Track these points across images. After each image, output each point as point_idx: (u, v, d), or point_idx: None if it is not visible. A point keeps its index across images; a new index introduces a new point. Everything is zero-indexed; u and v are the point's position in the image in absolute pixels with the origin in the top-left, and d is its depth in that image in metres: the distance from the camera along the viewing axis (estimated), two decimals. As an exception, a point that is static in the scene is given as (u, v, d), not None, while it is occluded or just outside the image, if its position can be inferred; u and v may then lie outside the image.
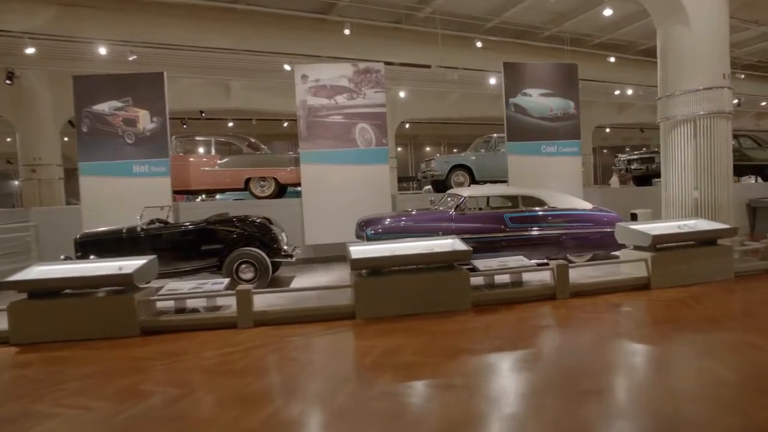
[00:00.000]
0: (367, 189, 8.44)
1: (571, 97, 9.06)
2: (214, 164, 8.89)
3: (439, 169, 9.71)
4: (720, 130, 6.97)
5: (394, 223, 6.67)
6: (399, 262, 5.21)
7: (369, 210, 8.01)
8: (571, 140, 9.06)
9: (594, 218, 6.83)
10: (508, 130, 8.84)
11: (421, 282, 5.18)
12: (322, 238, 8.37)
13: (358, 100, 8.43)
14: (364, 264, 5.14)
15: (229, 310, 5.10)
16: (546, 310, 5.07)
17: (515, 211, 6.69)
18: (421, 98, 18.80)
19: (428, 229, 6.49)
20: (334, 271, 7.67)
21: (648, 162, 10.72)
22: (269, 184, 8.95)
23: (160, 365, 3.95)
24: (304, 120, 8.32)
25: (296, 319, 5.01)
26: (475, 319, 4.87)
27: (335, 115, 8.38)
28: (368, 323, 4.87)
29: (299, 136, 8.35)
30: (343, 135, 8.41)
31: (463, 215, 6.64)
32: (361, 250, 5.51)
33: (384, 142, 8.55)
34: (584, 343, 4.01)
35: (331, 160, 8.37)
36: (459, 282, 5.23)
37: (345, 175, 8.39)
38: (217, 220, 6.58)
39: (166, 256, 6.35)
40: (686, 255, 5.87)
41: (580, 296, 5.50)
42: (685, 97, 7.13)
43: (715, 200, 6.98)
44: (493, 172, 9.82)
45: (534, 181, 8.78)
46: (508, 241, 6.55)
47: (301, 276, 7.40)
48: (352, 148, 8.43)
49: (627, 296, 5.47)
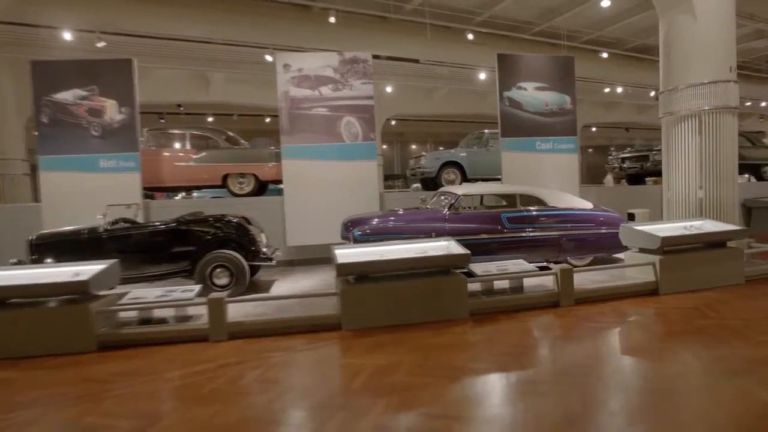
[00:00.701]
0: (353, 187, 7.93)
1: (567, 91, 8.67)
2: (189, 159, 8.28)
3: (430, 166, 9.24)
4: (726, 126, 6.62)
5: (383, 223, 6.17)
6: (390, 267, 4.72)
7: (355, 209, 7.51)
8: (567, 136, 8.67)
9: (595, 218, 6.44)
10: (502, 126, 8.41)
11: (413, 289, 4.70)
12: (305, 239, 7.83)
13: (344, 91, 7.90)
14: (351, 269, 4.64)
15: (200, 321, 4.55)
16: (551, 320, 4.63)
17: (513, 211, 6.25)
18: (408, 94, 18.34)
19: (420, 230, 6.01)
20: (317, 275, 7.14)
21: (642, 160, 10.42)
22: (248, 180, 8.37)
23: (115, 389, 3.40)
24: (286, 112, 7.77)
25: (276, 331, 4.49)
26: (474, 330, 4.41)
27: (319, 107, 7.84)
28: (356, 335, 4.37)
29: (281, 130, 7.79)
30: (328, 129, 7.88)
31: (458, 215, 6.17)
32: (347, 253, 5.01)
33: (372, 137, 8.04)
34: (601, 360, 3.57)
35: (315, 155, 7.83)
36: (455, 289, 4.77)
37: (330, 171, 7.87)
38: (190, 220, 6.00)
39: (133, 260, 5.76)
40: (696, 258, 5.50)
41: (585, 303, 5.09)
42: (689, 91, 6.77)
43: (720, 200, 6.64)
44: (485, 170, 9.39)
45: (528, 178, 8.37)
46: (505, 243, 6.10)
47: (282, 280, 6.85)
48: (338, 143, 7.91)
49: (635, 303, 5.07)
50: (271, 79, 8.11)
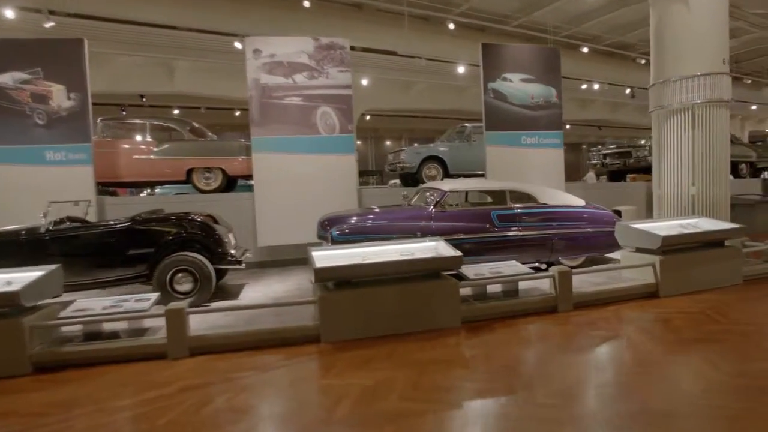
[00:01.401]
0: (329, 182, 7.39)
1: (553, 84, 8.35)
2: (149, 152, 7.56)
3: (410, 161, 8.78)
4: (719, 120, 6.39)
5: (364, 222, 5.67)
6: (374, 272, 4.22)
7: (332, 206, 6.98)
8: (553, 131, 8.36)
9: (588, 216, 6.10)
10: (487, 119, 8.02)
11: (400, 295, 4.22)
12: (278, 239, 7.25)
13: (319, 80, 7.35)
14: (330, 274, 4.12)
15: (158, 336, 3.96)
16: (551, 328, 4.23)
17: (503, 209, 5.85)
18: (384, 88, 17.81)
19: (404, 229, 5.54)
20: (291, 278, 6.58)
21: (626, 156, 10.24)
22: (215, 175, 7.71)
23: (49, 424, 2.80)
24: (256, 101, 7.15)
25: (246, 345, 3.95)
26: (469, 341, 3.96)
27: (293, 96, 7.26)
28: (337, 349, 3.87)
29: (250, 121, 7.17)
30: (303, 120, 7.31)
31: (444, 213, 5.73)
32: (326, 255, 4.49)
33: (350, 129, 7.51)
34: (615, 377, 3.18)
35: (289, 148, 7.25)
36: (447, 294, 4.32)
37: (304, 165, 7.30)
38: (148, 219, 5.35)
39: (81, 264, 5.10)
40: (696, 258, 5.22)
41: (584, 307, 4.72)
42: (681, 84, 6.50)
43: (713, 197, 6.42)
44: (467, 165, 9.00)
45: (513, 174, 8.02)
46: (495, 243, 5.69)
47: (252, 284, 6.26)
48: (313, 135, 7.35)
49: (637, 307, 4.74)
50: (242, 70, 7.48)
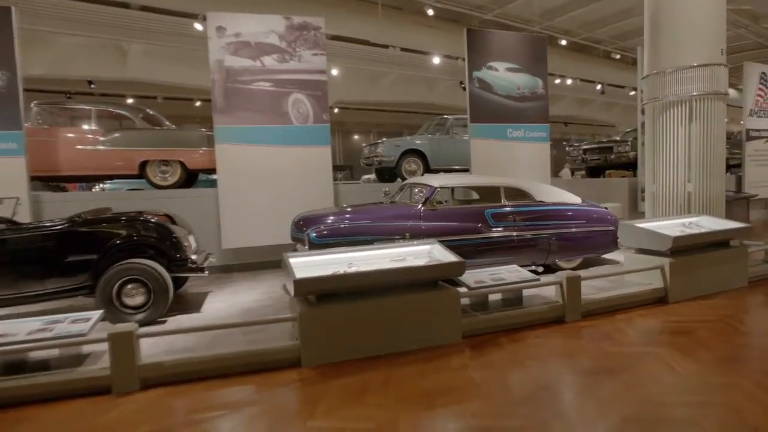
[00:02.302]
0: (303, 177, 6.70)
1: (539, 74, 7.93)
2: (95, 141, 6.63)
3: (388, 155, 8.18)
4: (716, 113, 6.11)
5: (345, 222, 5.04)
6: (363, 282, 3.61)
7: (306, 204, 6.31)
8: (540, 124, 7.95)
9: (586, 215, 5.69)
10: (472, 110, 7.51)
11: (394, 309, 3.63)
12: (245, 241, 6.51)
13: (291, 63, 6.62)
14: (313, 286, 3.48)
15: (99, 365, 3.21)
16: (564, 342, 3.75)
17: (498, 207, 5.35)
18: (354, 79, 17.10)
19: (391, 230, 4.94)
20: (262, 284, 5.87)
21: (606, 152, 10.00)
22: (173, 169, 6.87)
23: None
24: (220, 86, 6.36)
25: (210, 373, 3.27)
26: (475, 362, 3.42)
27: (262, 81, 6.51)
28: (323, 375, 3.24)
29: (213, 107, 6.38)
30: (273, 107, 6.58)
31: (435, 211, 5.17)
32: (304, 262, 3.85)
33: (324, 119, 6.84)
34: (674, 412, 2.69)
35: (257, 139, 6.51)
36: (447, 306, 3.76)
37: (275, 158, 6.58)
38: (90, 219, 4.52)
39: (7, 274, 4.25)
40: (704, 260, 4.87)
41: (593, 316, 4.28)
42: (677, 75, 6.18)
43: (710, 194, 6.14)
44: (449, 159, 8.48)
45: (498, 169, 7.57)
46: (490, 245, 5.19)
47: (217, 292, 5.52)
48: (285, 125, 6.63)
49: (648, 315, 4.33)
50: (203, 55, 6.67)
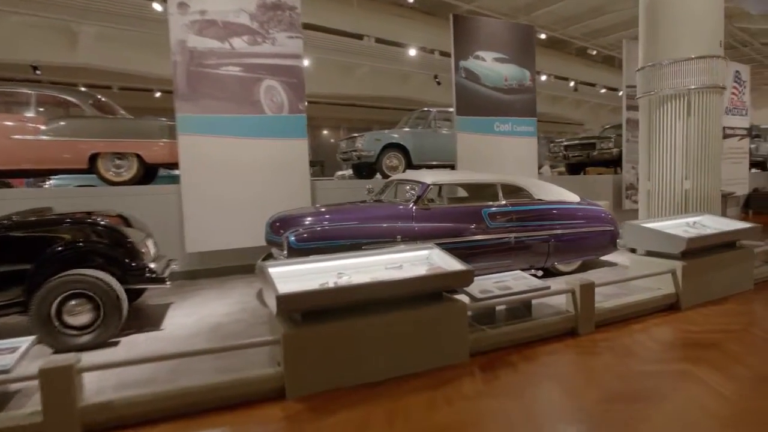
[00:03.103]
0: (277, 173, 6.07)
1: (527, 65, 7.56)
2: (36, 131, 5.78)
3: (369, 149, 7.62)
4: (714, 108, 5.87)
5: (329, 224, 4.47)
6: (359, 296, 3.06)
7: (280, 202, 5.72)
8: (527, 118, 7.58)
9: (586, 214, 5.33)
10: (458, 102, 7.05)
11: (393, 326, 3.11)
12: (212, 243, 5.84)
13: (264, 46, 5.97)
14: (299, 302, 2.91)
15: (28, 409, 2.55)
16: (583, 360, 3.33)
17: (496, 206, 4.90)
18: (324, 71, 16.38)
19: (380, 232, 4.41)
20: (233, 293, 5.23)
21: (589, 149, 9.78)
22: (129, 163, 6.09)
23: None
24: (182, 70, 5.65)
25: (173, 411, 2.66)
26: (490, 387, 2.94)
27: (230, 65, 5.84)
28: (312, 410, 2.69)
29: (175, 94, 5.67)
30: (243, 95, 5.91)
31: (428, 211, 4.67)
32: (287, 272, 3.28)
33: (301, 108, 6.22)
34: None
35: (225, 130, 5.84)
36: (453, 321, 3.27)
37: (245, 152, 5.93)
38: (23, 222, 3.79)
39: None
40: (715, 263, 4.57)
41: (606, 327, 3.89)
42: (674, 68, 5.90)
43: (707, 191, 5.90)
44: (432, 154, 8.01)
45: (485, 165, 7.17)
46: (488, 247, 4.74)
47: (180, 303, 4.84)
48: (256, 115, 5.98)
49: (663, 324, 3.98)
50: (163, 41, 5.94)
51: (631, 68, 8.64)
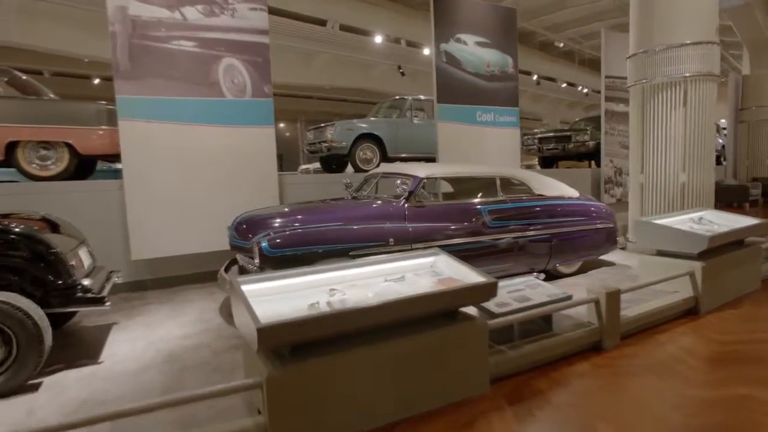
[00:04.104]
0: (239, 166, 5.28)
1: (509, 51, 7.09)
2: (-66, 115, 4.71)
3: (341, 140, 6.91)
4: (710, 97, 5.60)
5: (308, 226, 3.76)
6: (363, 322, 2.40)
7: (244, 201, 4.97)
8: (510, 107, 7.12)
9: (587, 210, 4.90)
10: (439, 89, 6.48)
11: (401, 355, 2.48)
12: (163, 249, 4.98)
13: (222, 18, 5.14)
14: (286, 334, 2.20)
15: None
16: (621, 381, 2.83)
17: (497, 203, 4.36)
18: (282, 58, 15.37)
19: (369, 235, 3.76)
20: (190, 307, 4.41)
21: (564, 141, 9.49)
22: (58, 154, 5.10)
23: None
24: (123, 41, 4.73)
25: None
26: (523, 425, 2.38)
27: (182, 39, 4.97)
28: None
29: (114, 71, 4.75)
30: (198, 74, 5.07)
31: (422, 209, 4.06)
32: (264, 290, 2.59)
33: (266, 92, 5.45)
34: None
35: (176, 115, 4.98)
36: (470, 344, 2.69)
37: (201, 141, 5.10)
38: None
39: None
40: (730, 262, 4.23)
41: (630, 339, 3.44)
42: (668, 54, 5.59)
43: (702, 184, 5.64)
44: (409, 146, 7.41)
45: (467, 157, 6.66)
46: (489, 250, 4.19)
47: (125, 324, 3.99)
48: (214, 98, 5.15)
49: (690, 332, 3.58)
50: (101, 18, 5.00)
51: (610, 58, 8.40)
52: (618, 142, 8.61)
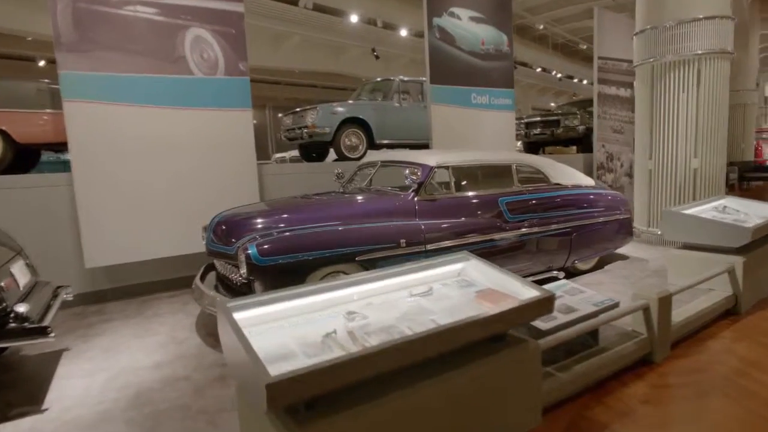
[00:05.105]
0: (211, 155, 4.58)
1: (504, 28, 6.57)
2: None
3: (324, 125, 6.23)
4: (724, 76, 5.25)
5: (301, 226, 3.14)
6: (400, 360, 1.82)
7: (219, 196, 4.29)
8: (505, 89, 6.62)
9: (604, 200, 4.46)
10: (432, 67, 5.90)
11: (444, 397, 1.94)
12: (122, 254, 4.24)
13: (187, -19, 4.38)
14: (303, 389, 1.59)
15: None
16: (693, 408, 2.39)
17: (514, 194, 3.85)
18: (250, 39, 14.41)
19: (377, 235, 3.17)
20: (159, 323, 3.73)
21: (553, 126, 9.10)
22: (-10, 143, 4.27)
23: None
24: (67, 6, 3.92)
25: None
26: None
27: (140, 4, 4.19)
28: None
29: (55, 40, 3.94)
30: (160, 48, 4.31)
31: (434, 203, 3.51)
32: (261, 316, 2.01)
33: (242, 69, 4.74)
34: None
35: (135, 95, 4.22)
36: (521, 371, 2.18)
37: (166, 127, 4.36)
38: None
39: None
40: (765, 256, 3.88)
41: (678, 347, 3.02)
42: (680, 30, 5.20)
43: (714, 171, 5.32)
44: (398, 131, 6.80)
45: (461, 143, 6.14)
46: (508, 247, 3.68)
47: (79, 350, 3.28)
48: (180, 75, 4.41)
49: (739, 336, 3.19)
50: None
51: (603, 37, 8.01)
52: (609, 126, 8.28)
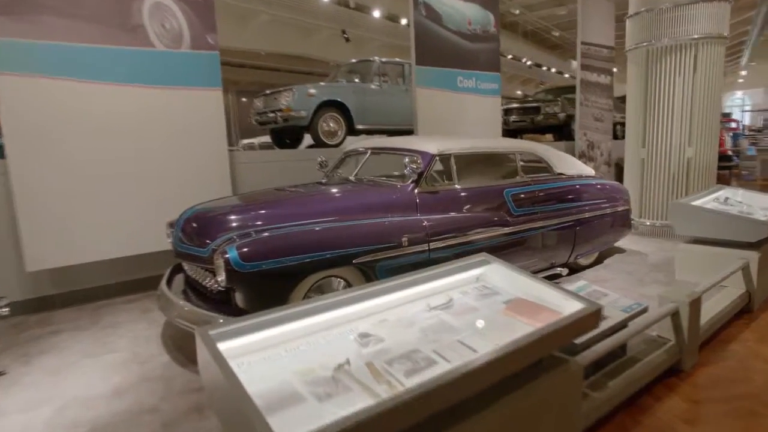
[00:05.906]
0: (175, 141, 4.03)
1: (491, 7, 6.21)
2: None
3: (300, 108, 5.72)
4: (719, 62, 5.09)
5: (288, 223, 2.70)
6: (437, 405, 1.45)
7: (185, 187, 3.79)
8: (491, 72, 6.29)
9: (606, 190, 4.21)
10: (418, 47, 5.48)
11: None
12: (70, 254, 3.66)
13: (144, -63, 3.78)
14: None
15: None
16: (732, 425, 2.14)
17: (519, 185, 3.52)
18: (214, 18, 13.51)
19: (376, 234, 2.77)
20: (118, 336, 3.21)
21: (533, 113, 8.89)
22: None
23: None
24: (-6, -39, 3.28)
25: None
26: None
27: (87, -38, 3.58)
28: None
29: (-16, 2, 3.30)
30: (114, 14, 3.70)
31: (435, 195, 3.14)
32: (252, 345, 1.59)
33: (211, 43, 4.19)
34: None
35: (84, 70, 3.62)
36: (564, 394, 1.86)
37: (121, 106, 3.79)
38: None
39: None
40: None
41: (703, 352, 2.79)
42: (676, 13, 5.00)
43: (707, 159, 5.19)
44: (378, 116, 6.37)
45: (446, 129, 5.79)
46: (514, 243, 3.36)
47: (18, 374, 2.74)
48: (138, 48, 3.82)
49: (759, 337, 3.00)
50: None
51: (586, 22, 7.79)
52: (591, 114, 8.13)
